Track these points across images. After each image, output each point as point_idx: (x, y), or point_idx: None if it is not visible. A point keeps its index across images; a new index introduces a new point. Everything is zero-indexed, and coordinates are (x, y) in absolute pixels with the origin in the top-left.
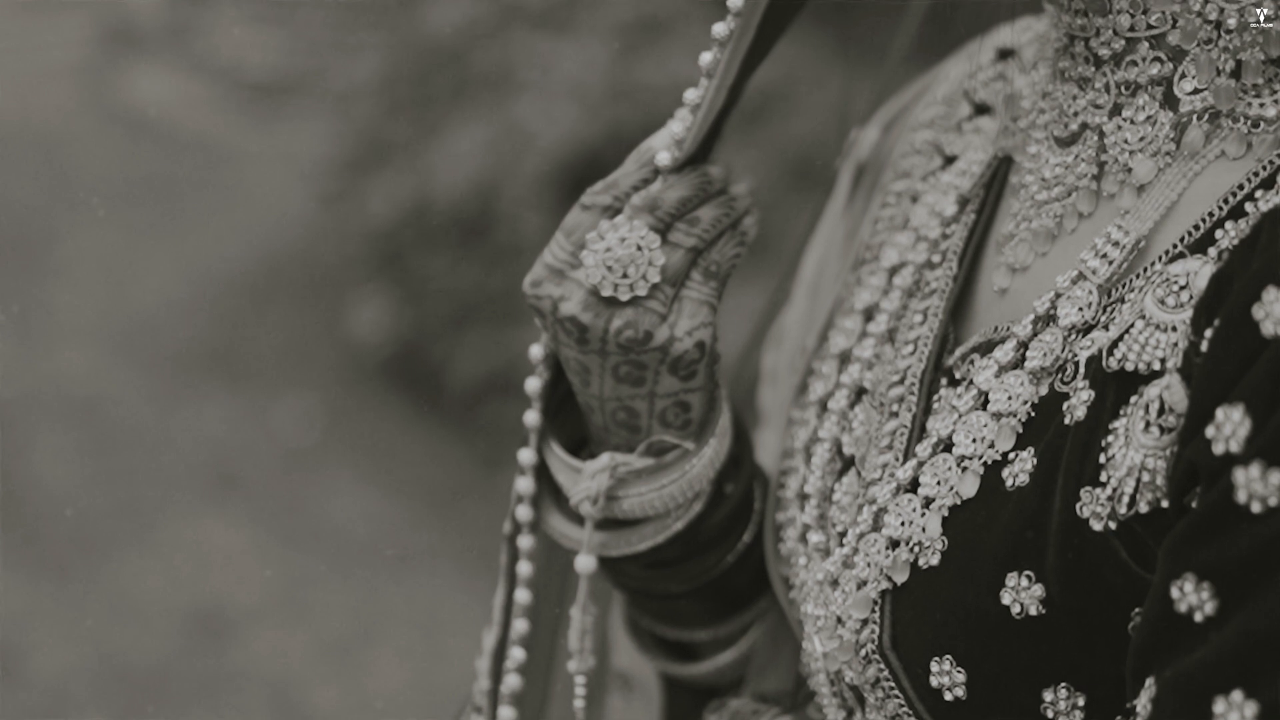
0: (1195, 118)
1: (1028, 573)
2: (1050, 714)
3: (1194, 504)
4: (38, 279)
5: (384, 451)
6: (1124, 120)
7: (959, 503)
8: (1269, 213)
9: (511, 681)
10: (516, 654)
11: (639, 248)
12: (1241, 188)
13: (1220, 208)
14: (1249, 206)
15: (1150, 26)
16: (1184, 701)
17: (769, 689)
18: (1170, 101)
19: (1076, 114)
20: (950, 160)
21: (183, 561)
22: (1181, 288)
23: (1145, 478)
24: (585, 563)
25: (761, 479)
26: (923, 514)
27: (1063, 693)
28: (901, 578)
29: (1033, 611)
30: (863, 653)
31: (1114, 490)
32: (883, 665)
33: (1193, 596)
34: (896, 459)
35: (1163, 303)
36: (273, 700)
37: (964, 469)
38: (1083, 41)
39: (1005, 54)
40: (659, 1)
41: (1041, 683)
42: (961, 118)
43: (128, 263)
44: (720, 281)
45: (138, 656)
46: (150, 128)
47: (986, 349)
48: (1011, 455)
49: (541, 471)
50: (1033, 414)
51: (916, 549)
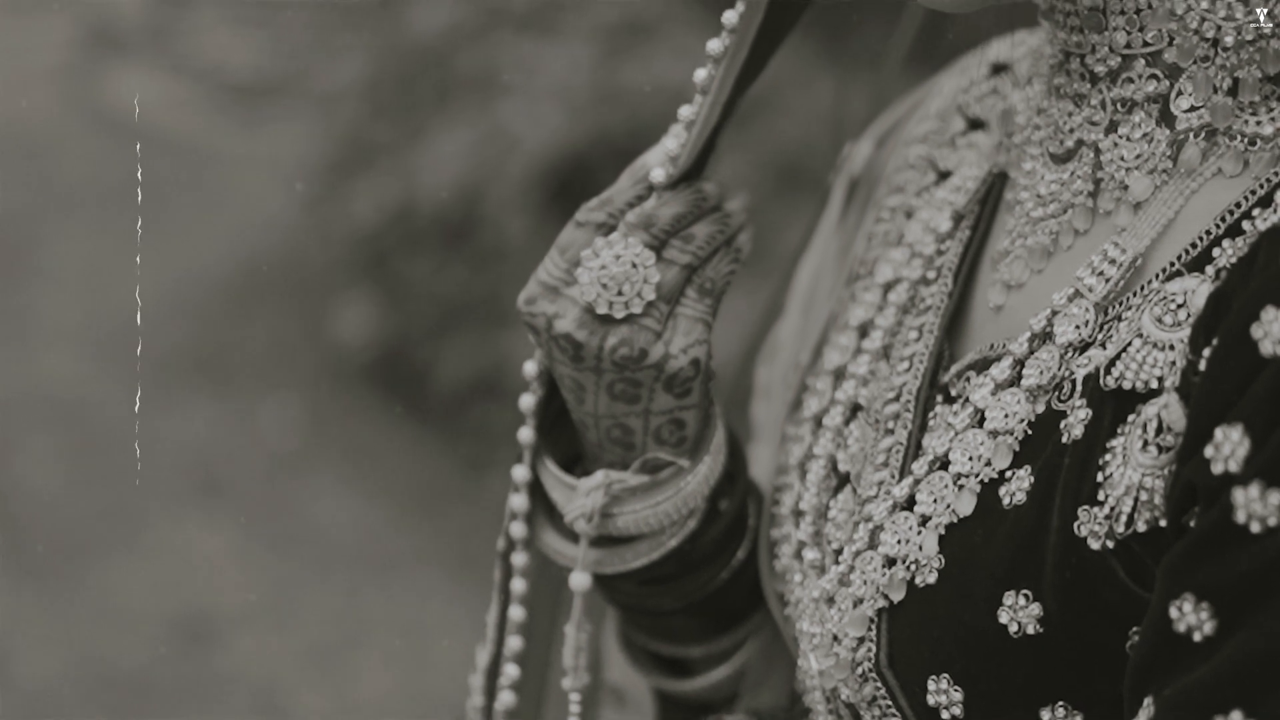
0: (1192, 135)
1: (1025, 591)
2: None
3: (1192, 523)
4: (20, 282)
5: (368, 455)
6: (1120, 137)
7: (956, 521)
8: (1267, 231)
9: (506, 698)
10: (511, 670)
11: (634, 265)
12: (1239, 205)
13: (1217, 226)
14: (1246, 224)
15: (1147, 44)
16: None
17: (763, 705)
18: (1167, 119)
19: (1072, 130)
20: (944, 175)
21: (167, 566)
22: (1179, 306)
23: (1143, 497)
24: (580, 580)
25: (756, 495)
26: (919, 532)
27: (1060, 711)
28: (898, 596)
29: (1030, 630)
30: (859, 671)
31: (1112, 509)
32: (879, 684)
33: (1191, 616)
34: (892, 476)
35: (1160, 321)
36: (258, 704)
37: (961, 487)
38: (1078, 58)
39: (999, 69)
40: (643, 4)
41: (1039, 701)
42: (955, 133)
43: (111, 266)
44: (715, 299)
45: (123, 661)
46: (133, 130)
47: (983, 366)
48: (1008, 473)
49: (535, 488)
50: (1029, 432)
51: (913, 567)
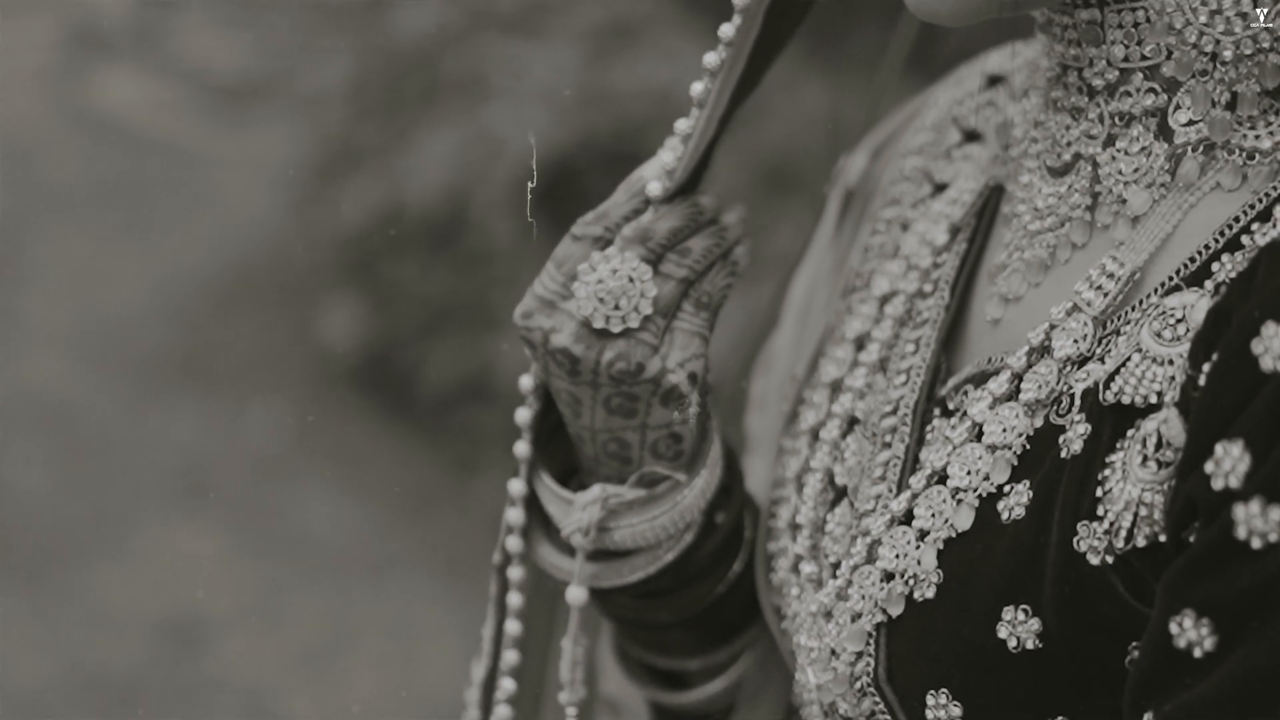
0: (1190, 149)
1: (1024, 606)
2: None
3: (1192, 539)
4: (5, 284)
5: (355, 458)
6: (1118, 151)
7: (954, 535)
8: (1267, 246)
9: (501, 713)
10: (507, 685)
11: (631, 279)
12: (1237, 220)
13: (1216, 240)
14: (1245, 239)
15: (1144, 57)
16: None
17: (759, 718)
18: (1165, 133)
19: (1069, 144)
20: (940, 188)
21: (155, 569)
22: (1178, 321)
23: (1143, 512)
24: (576, 594)
25: (752, 508)
26: (917, 546)
27: None
28: (896, 611)
29: (1029, 645)
30: (858, 686)
31: (1111, 524)
32: (878, 698)
33: (1192, 632)
34: (890, 490)
35: (1159, 336)
36: (247, 708)
37: (959, 501)
38: (1076, 71)
39: (995, 80)
40: (629, 6)
41: (1038, 716)
42: (951, 144)
43: (96, 268)
44: (712, 313)
45: (111, 664)
46: (118, 131)
47: (980, 380)
48: (1006, 488)
49: (531, 502)
50: (1028, 446)
51: (911, 582)
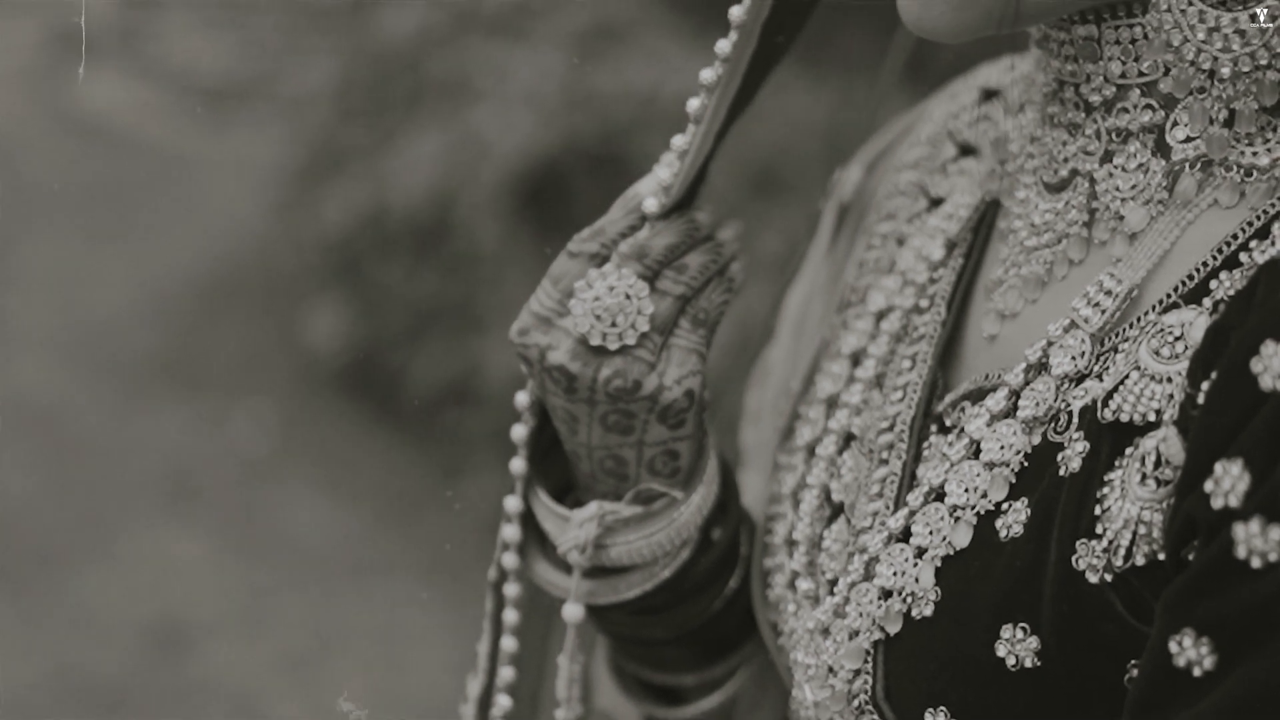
0: (1188, 166)
1: (1023, 624)
2: None
3: (1191, 557)
4: None
5: (341, 461)
6: (1115, 167)
7: (952, 553)
8: (1266, 264)
9: None
10: (503, 701)
11: (627, 296)
12: (1236, 237)
13: (1214, 257)
14: (1243, 256)
15: (1142, 74)
16: None
17: None
18: (1162, 149)
19: (1066, 160)
20: (936, 202)
21: (141, 573)
22: (1176, 338)
23: (1142, 530)
24: (573, 611)
25: (748, 524)
26: (915, 564)
27: None
28: (894, 628)
29: (1028, 664)
30: (855, 703)
31: (1110, 542)
32: (876, 716)
33: (1192, 651)
34: (887, 507)
35: (1157, 354)
36: (233, 711)
37: (956, 519)
38: (1072, 87)
39: (990, 94)
40: (614, 9)
41: None
42: (946, 159)
43: (81, 270)
44: (709, 329)
45: (97, 669)
46: (102, 133)
47: (977, 397)
48: (1004, 506)
49: (527, 519)
50: (1025, 464)
51: (909, 599)
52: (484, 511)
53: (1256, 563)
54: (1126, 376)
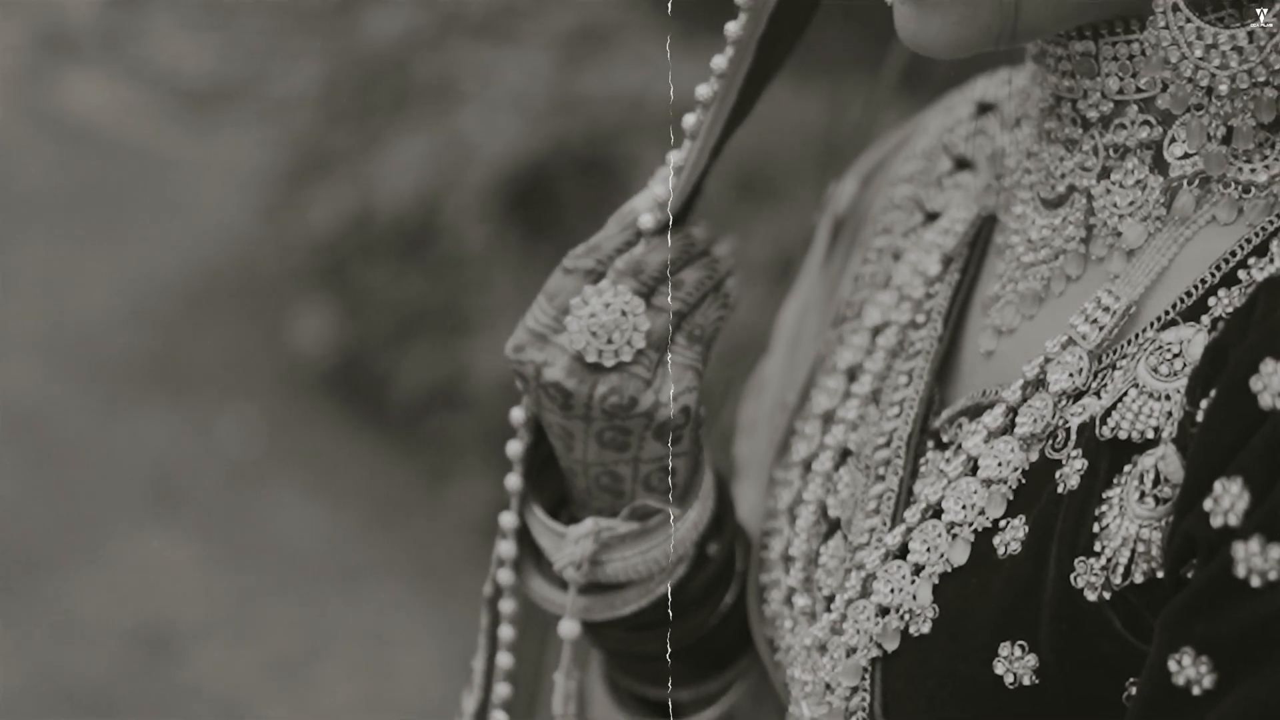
0: (1185, 182)
1: (1021, 642)
2: None
3: (1190, 575)
4: None
5: (328, 464)
6: (1113, 184)
7: (950, 570)
8: (1265, 282)
9: None
10: (499, 717)
11: (623, 313)
12: (1234, 254)
13: (1212, 274)
14: (1242, 274)
15: (1139, 90)
16: None
17: None
18: (1160, 165)
19: (1064, 176)
20: (931, 216)
21: (127, 577)
22: (1175, 355)
23: (1140, 548)
24: (569, 627)
25: (743, 539)
26: (913, 581)
27: None
28: (892, 645)
29: (1026, 681)
30: None
31: (1109, 560)
32: None
33: (1191, 670)
34: (884, 524)
35: (1156, 371)
36: (221, 717)
37: (954, 536)
38: (1070, 103)
39: (985, 108)
40: (600, 11)
41: None
42: (942, 173)
43: (65, 273)
44: (705, 346)
45: (83, 674)
46: (86, 135)
47: (975, 413)
48: (1002, 523)
49: (522, 535)
50: (1023, 481)
51: (907, 617)
52: (472, 515)
53: (1256, 581)
54: (1125, 394)
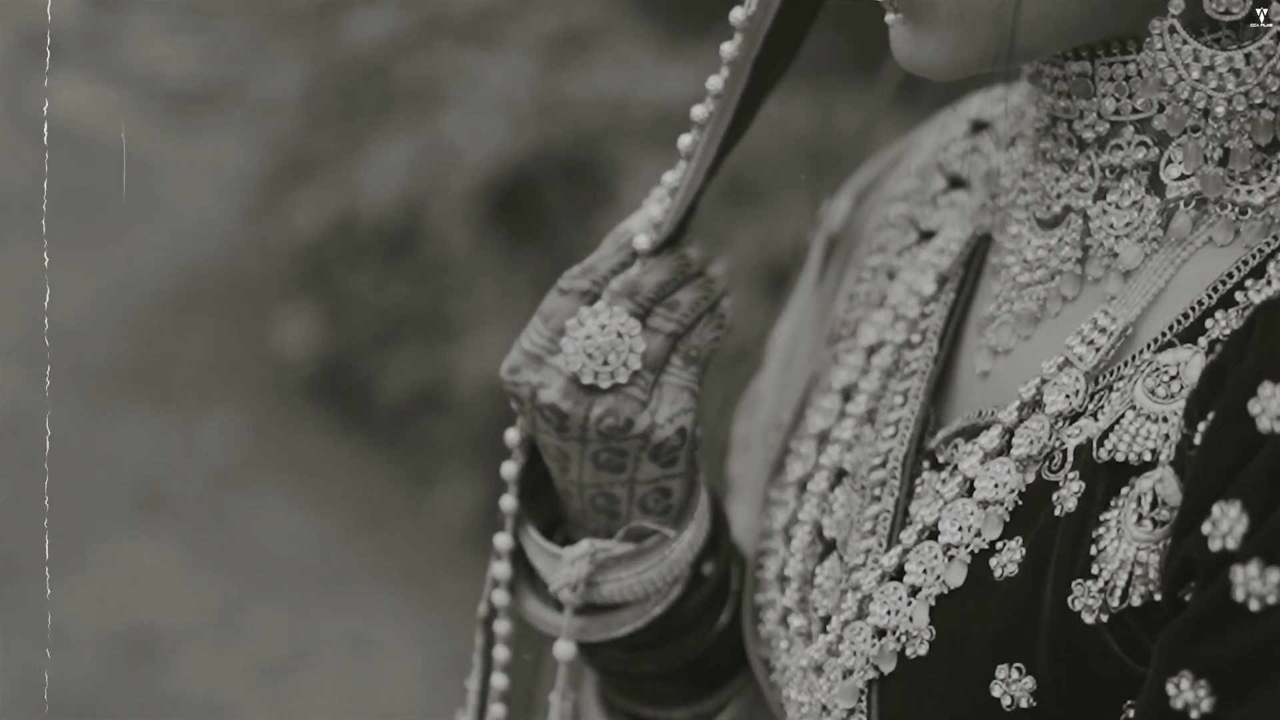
0: (1182, 204)
1: (1018, 665)
2: None
3: (1188, 598)
4: None
5: (312, 469)
6: (1109, 204)
7: (946, 592)
8: (1262, 305)
9: None
10: None
11: (619, 334)
12: (1231, 276)
13: (1209, 296)
14: (1239, 295)
15: (1136, 111)
16: None
17: None
18: (1156, 186)
19: (1059, 196)
20: (926, 235)
21: (111, 583)
22: (1172, 378)
23: (1138, 571)
24: (564, 649)
25: (738, 558)
26: (909, 603)
27: None
28: (888, 667)
29: (1023, 704)
30: None
31: (1106, 583)
32: None
33: (1189, 694)
34: (880, 545)
35: (1153, 393)
36: None
37: (950, 558)
38: (1065, 123)
39: (979, 126)
40: (584, 14)
41: None
42: (936, 191)
43: (46, 276)
44: (700, 366)
45: (67, 681)
46: (67, 137)
47: (971, 434)
48: (999, 545)
49: (517, 555)
50: (1020, 503)
51: (904, 638)
52: (456, 519)
53: (1255, 605)
54: (1122, 416)
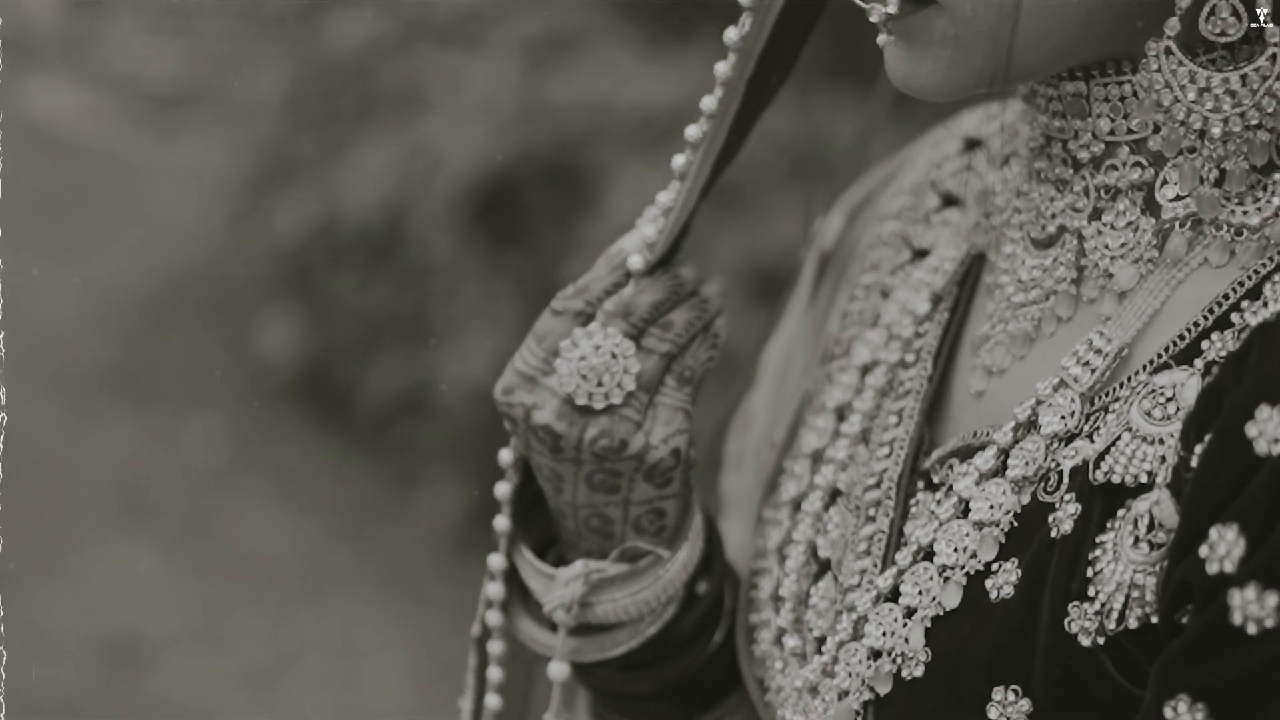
0: (1177, 224)
1: (1014, 687)
2: None
3: (1185, 621)
4: None
5: (295, 473)
6: (1104, 225)
7: (942, 613)
8: (1259, 327)
9: None
10: None
11: (614, 355)
12: (1227, 297)
13: (1205, 317)
14: (1235, 317)
15: (1131, 131)
16: None
17: None
18: (1151, 207)
19: (1054, 216)
20: (919, 253)
21: (93, 589)
22: (1168, 400)
23: (1134, 593)
24: (558, 669)
25: (731, 577)
26: (905, 624)
27: None
28: (884, 689)
29: None
30: None
31: (1103, 605)
32: None
33: (1187, 716)
34: (875, 565)
35: (1149, 415)
36: None
37: (946, 579)
38: (1060, 143)
39: (972, 144)
40: (566, 17)
41: None
42: (929, 209)
43: (26, 280)
44: (694, 387)
45: (51, 687)
46: (47, 140)
47: (966, 454)
48: (995, 566)
49: (510, 575)
50: (1015, 524)
51: (899, 660)
52: (439, 523)
53: (1252, 629)
54: (1118, 438)
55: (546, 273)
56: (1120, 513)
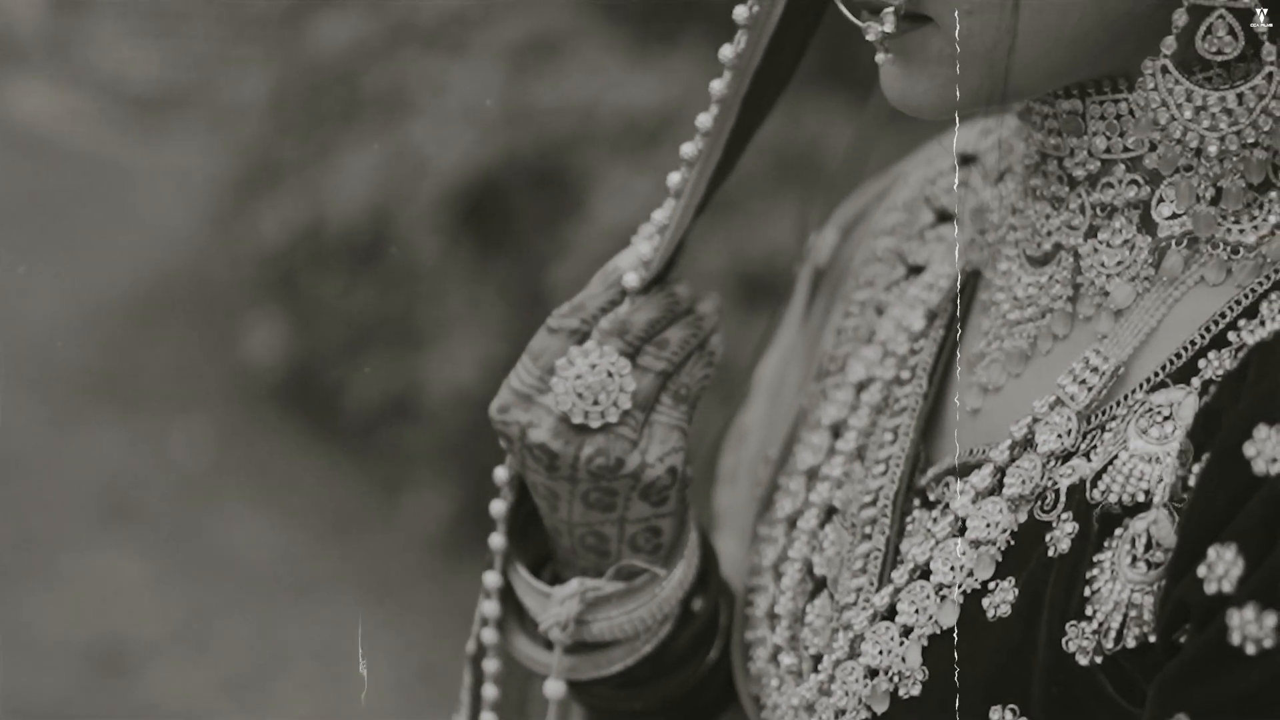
0: (1174, 243)
1: (1012, 706)
2: None
3: (1183, 641)
4: None
5: (280, 477)
6: (1100, 243)
7: (939, 632)
8: (1256, 346)
9: None
10: None
11: (609, 374)
12: (1224, 316)
13: (1202, 336)
14: (1232, 335)
15: (1127, 149)
16: None
17: None
18: (1148, 225)
19: (1050, 233)
20: (913, 269)
21: (79, 594)
22: (1165, 418)
23: (1132, 613)
24: (554, 687)
25: (727, 594)
26: (901, 643)
27: None
28: (881, 708)
29: None
30: None
31: (1100, 625)
32: None
33: None
34: (871, 583)
35: (1146, 433)
36: None
37: (943, 598)
38: (1056, 161)
39: (966, 160)
40: (551, 21)
41: None
42: (924, 225)
43: (10, 283)
44: (690, 405)
45: (36, 693)
46: (30, 142)
47: (962, 472)
48: (991, 585)
49: (505, 593)
50: (1012, 543)
51: (896, 679)
52: (425, 527)
53: (1251, 649)
54: (1115, 457)
55: (532, 277)
56: (1118, 532)
